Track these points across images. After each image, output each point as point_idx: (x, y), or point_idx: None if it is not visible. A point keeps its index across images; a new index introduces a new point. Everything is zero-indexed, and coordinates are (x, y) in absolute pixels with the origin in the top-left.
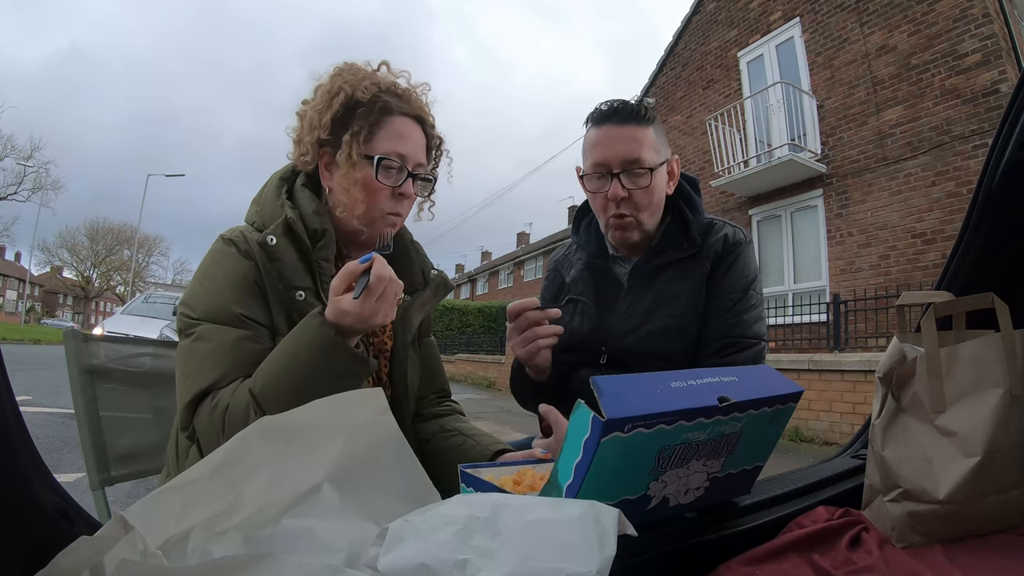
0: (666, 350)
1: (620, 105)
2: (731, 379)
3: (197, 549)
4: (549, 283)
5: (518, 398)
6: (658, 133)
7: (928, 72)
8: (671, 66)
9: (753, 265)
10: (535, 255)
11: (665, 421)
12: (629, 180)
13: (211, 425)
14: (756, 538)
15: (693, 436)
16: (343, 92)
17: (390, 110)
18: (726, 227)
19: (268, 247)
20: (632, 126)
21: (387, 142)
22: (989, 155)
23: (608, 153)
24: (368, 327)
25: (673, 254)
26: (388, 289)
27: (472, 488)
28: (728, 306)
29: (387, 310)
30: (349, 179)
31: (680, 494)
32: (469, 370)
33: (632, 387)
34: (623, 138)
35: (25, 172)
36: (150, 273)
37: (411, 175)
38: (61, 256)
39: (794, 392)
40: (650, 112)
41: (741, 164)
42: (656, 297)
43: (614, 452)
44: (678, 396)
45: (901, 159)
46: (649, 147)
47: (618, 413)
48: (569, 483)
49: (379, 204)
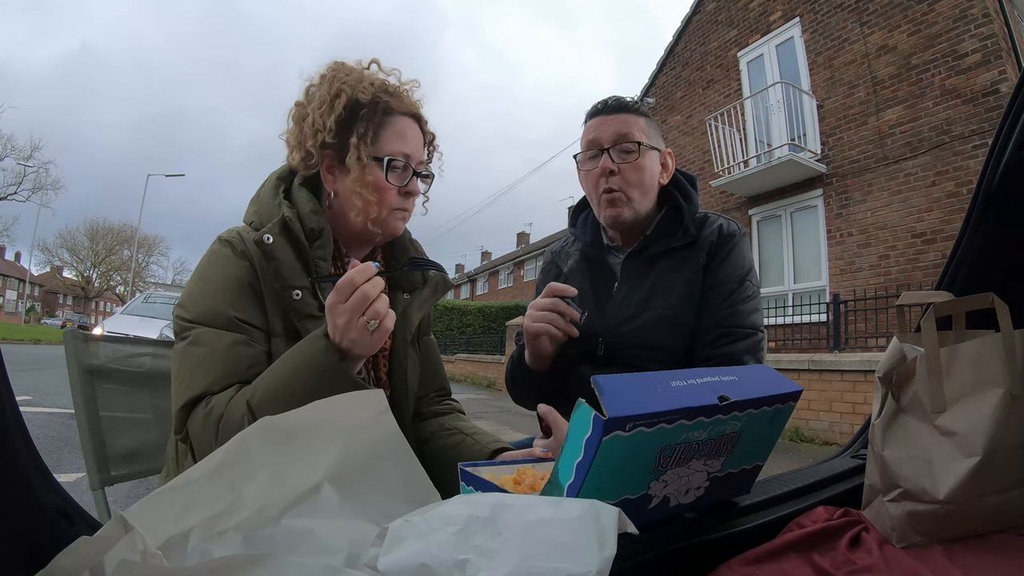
0: (662, 341)
1: (612, 99)
2: (731, 378)
3: (197, 549)
4: (545, 275)
5: (512, 391)
6: (650, 124)
7: (928, 72)
8: (671, 66)
9: (748, 256)
10: (535, 255)
11: (666, 420)
12: (618, 155)
13: (205, 431)
14: (756, 538)
15: (694, 435)
16: (344, 94)
17: (391, 111)
18: (720, 219)
19: (265, 245)
20: (622, 113)
21: (391, 143)
22: (989, 155)
23: (599, 132)
24: (356, 348)
25: (667, 243)
26: (357, 302)
27: (472, 487)
28: (723, 296)
29: (358, 328)
30: (361, 182)
31: (681, 493)
32: (469, 370)
33: (633, 386)
34: (614, 120)
35: (25, 172)
36: (150, 273)
37: (416, 173)
38: (61, 256)
39: (793, 391)
40: (642, 106)
41: (741, 164)
42: (651, 287)
43: (615, 451)
44: (679, 395)
45: (901, 159)
46: (639, 130)
47: (620, 412)
48: (570, 482)
49: (387, 203)
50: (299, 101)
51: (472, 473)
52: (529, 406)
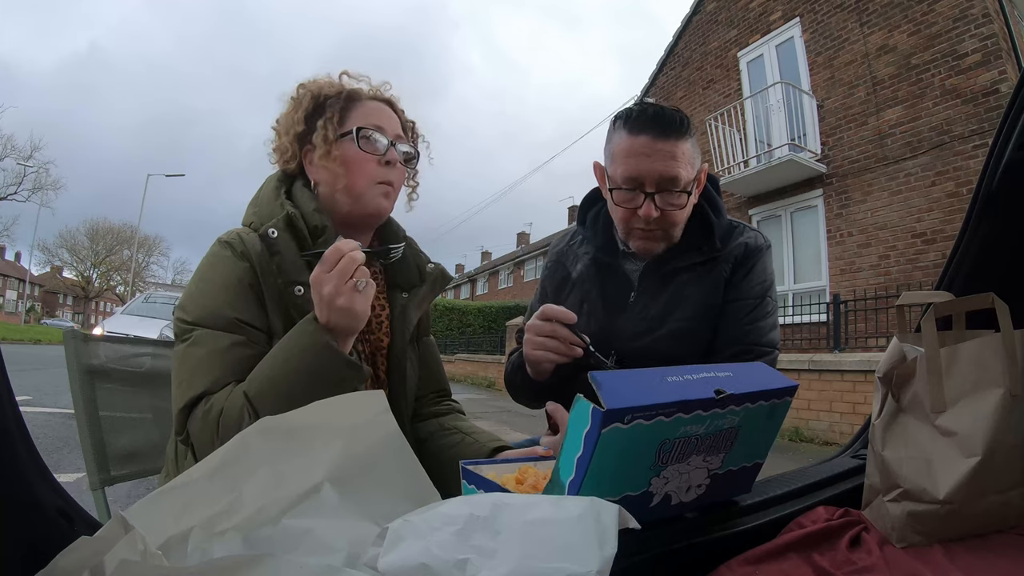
0: (678, 353)
1: (658, 113)
2: (726, 374)
3: (197, 549)
4: (551, 275)
5: (511, 391)
6: (694, 144)
7: (928, 72)
8: (671, 66)
9: (770, 270)
10: (535, 255)
11: (664, 413)
12: (663, 200)
13: (205, 429)
14: (756, 538)
15: (692, 429)
16: (309, 93)
17: (358, 96)
18: (747, 232)
19: (269, 239)
20: (672, 140)
21: (361, 119)
22: (989, 155)
23: (643, 169)
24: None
25: (692, 257)
26: (345, 266)
27: (474, 486)
28: (745, 312)
29: (346, 291)
30: (327, 158)
31: (682, 491)
32: (469, 370)
33: (629, 381)
34: (661, 154)
35: (25, 172)
36: (150, 273)
37: (393, 145)
38: (61, 256)
39: (789, 387)
40: (687, 123)
41: (741, 164)
42: (669, 300)
43: (615, 444)
44: (675, 389)
45: (901, 159)
46: (686, 164)
47: (618, 404)
48: (571, 479)
49: (366, 174)
50: (278, 119)
51: (474, 472)
52: (530, 406)
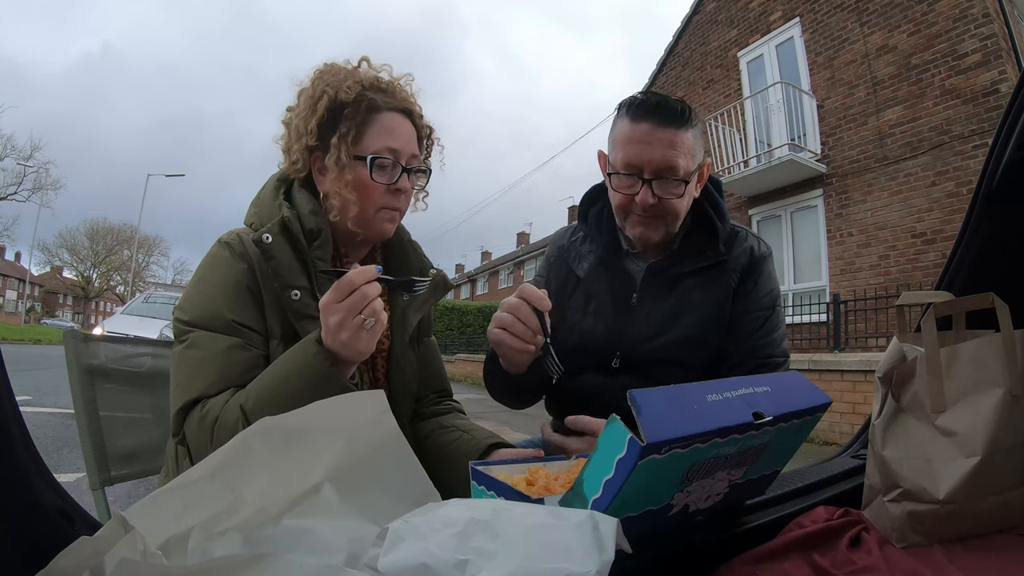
0: (686, 359)
1: (661, 102)
2: (764, 388)
3: (197, 549)
4: (555, 270)
5: (488, 387)
6: (696, 136)
7: (928, 72)
8: (671, 66)
9: (775, 278)
10: (535, 255)
11: (701, 440)
12: (661, 188)
13: (200, 433)
14: (756, 538)
15: (724, 451)
16: (326, 95)
17: (377, 107)
18: (750, 237)
19: (264, 245)
20: (672, 129)
21: (378, 139)
22: (989, 155)
23: (642, 155)
24: (346, 352)
25: (697, 261)
26: (355, 302)
27: (484, 487)
28: (757, 325)
29: (351, 328)
30: (340, 182)
31: (701, 500)
32: (469, 370)
33: (670, 404)
34: (660, 142)
35: (25, 172)
36: (150, 273)
37: (406, 170)
38: (61, 256)
39: (824, 403)
40: (692, 114)
41: (741, 164)
42: (677, 305)
43: (648, 472)
44: (715, 412)
45: (901, 159)
46: (686, 154)
47: (658, 436)
48: (597, 497)
49: (374, 202)
50: (290, 106)
51: (483, 472)
52: (508, 405)
